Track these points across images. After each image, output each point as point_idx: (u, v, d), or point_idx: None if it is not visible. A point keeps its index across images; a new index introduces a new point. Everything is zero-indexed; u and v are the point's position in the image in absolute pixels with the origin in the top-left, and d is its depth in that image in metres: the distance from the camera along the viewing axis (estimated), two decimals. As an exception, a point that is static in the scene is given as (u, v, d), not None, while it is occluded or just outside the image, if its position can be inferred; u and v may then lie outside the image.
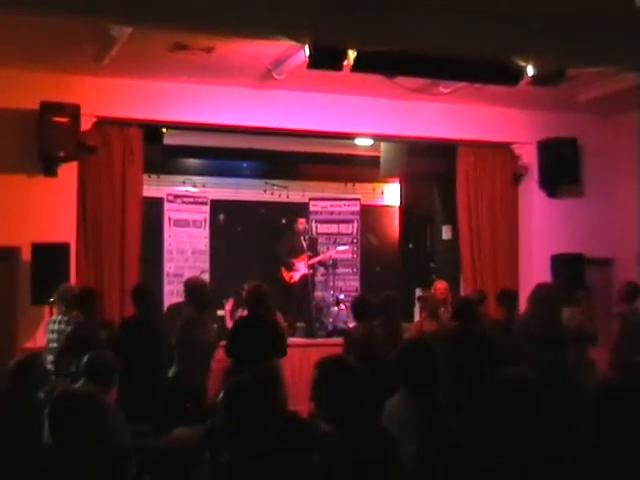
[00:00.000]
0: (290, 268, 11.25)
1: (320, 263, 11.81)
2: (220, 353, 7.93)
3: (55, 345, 7.54)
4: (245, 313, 8.59)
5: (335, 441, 3.60)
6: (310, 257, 11.38)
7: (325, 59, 7.57)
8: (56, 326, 7.64)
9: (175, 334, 7.54)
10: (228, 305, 9.37)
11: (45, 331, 7.95)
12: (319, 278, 12.07)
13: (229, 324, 9.02)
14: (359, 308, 7.77)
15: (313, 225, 12.75)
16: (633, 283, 9.06)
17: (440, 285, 9.41)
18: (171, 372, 7.54)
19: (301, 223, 11.64)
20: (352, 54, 7.53)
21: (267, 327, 7.48)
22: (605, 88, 9.60)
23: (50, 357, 7.43)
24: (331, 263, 11.96)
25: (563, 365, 6.94)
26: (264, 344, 7.26)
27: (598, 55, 7.99)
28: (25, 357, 5.81)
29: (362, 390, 3.73)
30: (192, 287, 8.15)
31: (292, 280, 11.22)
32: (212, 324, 8.26)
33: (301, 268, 11.26)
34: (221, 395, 3.23)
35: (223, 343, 8.05)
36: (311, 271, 11.42)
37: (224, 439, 3.14)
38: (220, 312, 10.05)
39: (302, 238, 11.50)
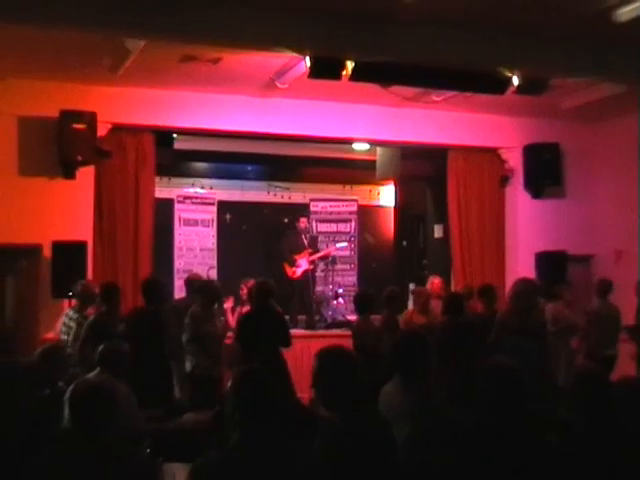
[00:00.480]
0: (292, 264, 11.24)
1: (320, 259, 11.80)
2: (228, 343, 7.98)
3: (65, 337, 7.52)
4: (245, 309, 8.59)
5: (334, 425, 3.62)
6: (311, 254, 11.38)
7: (325, 69, 7.61)
8: (72, 322, 7.58)
9: (186, 331, 7.51)
10: (228, 303, 9.31)
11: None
12: (319, 274, 12.07)
13: (230, 320, 8.99)
14: (360, 302, 7.74)
15: (313, 224, 12.73)
16: (605, 280, 9.08)
17: (436, 280, 9.37)
18: (188, 366, 7.52)
19: (303, 222, 11.63)
20: (350, 64, 7.57)
21: (274, 319, 7.48)
22: (585, 97, 9.59)
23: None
24: (330, 259, 11.96)
25: (539, 354, 6.94)
26: (271, 335, 7.26)
27: (579, 66, 8.04)
28: (48, 347, 5.83)
29: (359, 378, 3.74)
30: (201, 285, 8.13)
31: (294, 275, 11.21)
32: (219, 317, 8.23)
33: (303, 264, 11.26)
34: (230, 383, 3.23)
35: (230, 334, 8.09)
36: (312, 267, 11.42)
37: (233, 424, 3.12)
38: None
39: (303, 236, 11.50)
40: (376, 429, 3.71)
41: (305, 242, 11.40)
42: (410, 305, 9.91)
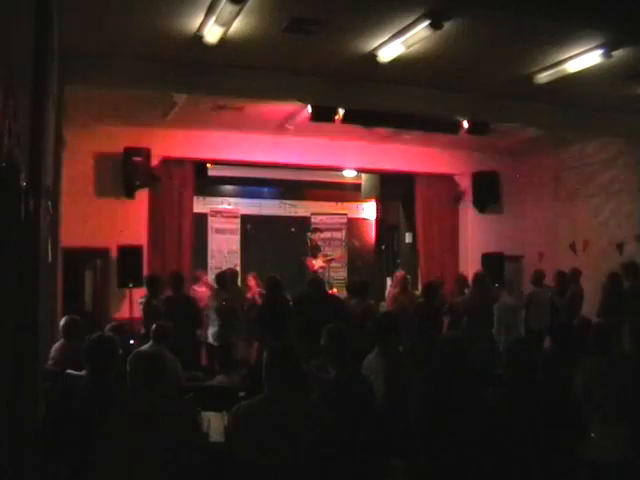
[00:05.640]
0: (314, 258, 11.35)
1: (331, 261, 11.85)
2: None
3: None
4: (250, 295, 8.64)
5: (331, 381, 3.76)
6: (325, 256, 11.46)
7: (322, 115, 7.72)
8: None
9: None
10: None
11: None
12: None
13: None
14: (357, 288, 7.43)
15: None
16: (539, 271, 9.10)
17: (399, 274, 9.32)
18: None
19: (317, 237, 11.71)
20: (341, 111, 7.68)
21: (281, 306, 7.30)
22: (516, 137, 9.65)
23: None
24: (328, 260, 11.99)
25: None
26: (280, 318, 7.13)
27: (511, 115, 8.13)
28: (115, 325, 5.88)
29: (349, 347, 3.86)
30: (216, 274, 8.44)
31: (314, 268, 11.25)
32: (228, 296, 8.02)
33: (319, 262, 11.34)
34: (266, 354, 3.28)
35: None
36: (326, 265, 11.52)
37: (267, 381, 3.19)
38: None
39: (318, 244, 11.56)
40: (359, 383, 3.84)
41: (321, 249, 11.44)
42: (386, 292, 9.90)
